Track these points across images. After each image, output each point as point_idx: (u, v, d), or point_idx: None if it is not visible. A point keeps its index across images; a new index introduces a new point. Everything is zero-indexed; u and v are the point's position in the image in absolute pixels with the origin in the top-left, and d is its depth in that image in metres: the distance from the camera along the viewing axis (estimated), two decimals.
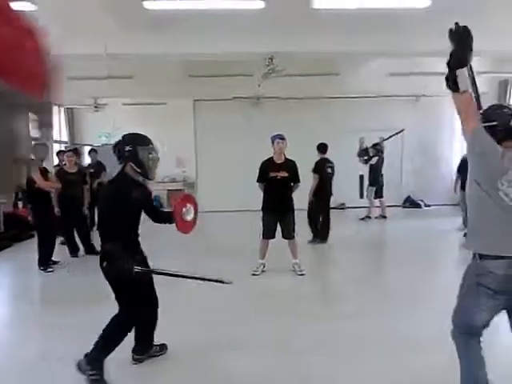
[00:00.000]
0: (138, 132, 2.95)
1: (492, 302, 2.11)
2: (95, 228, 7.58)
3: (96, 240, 6.16)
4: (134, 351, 2.96)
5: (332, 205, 8.57)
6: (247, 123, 9.78)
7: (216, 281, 2.77)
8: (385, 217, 8.89)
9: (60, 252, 6.00)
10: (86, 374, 2.61)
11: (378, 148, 8.71)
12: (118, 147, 2.82)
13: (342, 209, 10.08)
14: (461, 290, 2.26)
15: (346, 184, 8.97)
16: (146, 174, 2.82)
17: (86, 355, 2.65)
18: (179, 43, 5.24)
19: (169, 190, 11.41)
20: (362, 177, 9.21)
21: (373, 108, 10.03)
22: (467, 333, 2.24)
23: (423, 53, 6.07)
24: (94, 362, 2.63)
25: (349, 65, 8.21)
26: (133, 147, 2.76)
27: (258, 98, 9.76)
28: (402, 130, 8.52)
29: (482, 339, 2.24)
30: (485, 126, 2.15)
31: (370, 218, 8.85)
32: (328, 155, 6.88)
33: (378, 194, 8.84)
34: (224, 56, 5.93)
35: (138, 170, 2.78)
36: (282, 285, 4.76)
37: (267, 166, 5.00)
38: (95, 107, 9.44)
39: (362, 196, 9.21)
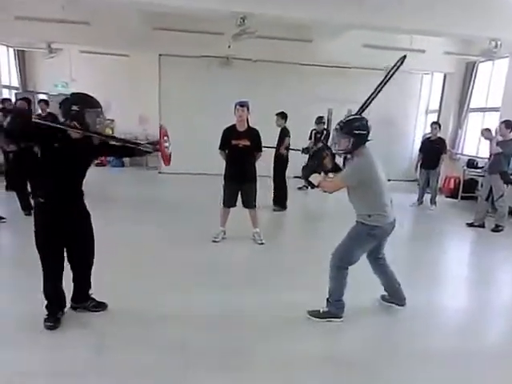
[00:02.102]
0: (86, 93, 2.89)
1: None
2: None
3: None
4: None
5: (295, 174, 8.61)
6: (215, 83, 9.40)
7: (148, 151, 3.03)
8: None
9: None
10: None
11: (323, 121, 8.54)
12: (65, 105, 2.76)
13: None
14: None
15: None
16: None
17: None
18: None
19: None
20: None
21: (343, 79, 9.91)
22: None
23: (398, 29, 5.96)
24: (47, 309, 2.90)
25: (323, 33, 7.95)
26: (80, 108, 2.71)
27: (228, 58, 9.35)
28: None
29: None
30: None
31: (307, 187, 8.81)
32: (294, 123, 6.87)
33: None
34: (190, 10, 5.51)
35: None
36: (239, 253, 4.75)
37: (229, 134, 4.83)
38: (49, 52, 8.67)
39: None
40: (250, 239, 5.07)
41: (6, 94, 9.75)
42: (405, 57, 3.25)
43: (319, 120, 8.46)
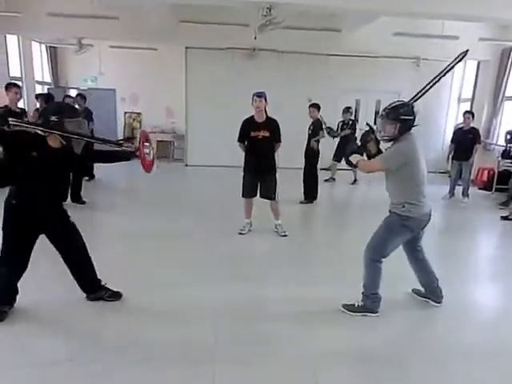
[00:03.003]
0: (65, 102, 3.00)
1: None
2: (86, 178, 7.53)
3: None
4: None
5: (324, 166, 8.54)
6: (240, 75, 9.38)
7: (129, 151, 2.97)
8: (356, 180, 8.70)
9: None
10: None
11: (351, 111, 8.46)
12: (44, 115, 2.75)
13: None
14: None
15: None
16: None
17: None
18: None
19: (158, 141, 11.14)
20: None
21: (372, 69, 9.70)
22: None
23: (431, 14, 5.72)
24: None
25: (351, 22, 7.76)
26: (59, 118, 2.69)
27: (254, 49, 9.30)
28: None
29: None
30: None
31: (334, 179, 8.74)
32: (321, 115, 6.78)
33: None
34: (218, 1, 5.48)
35: (63, 143, 2.77)
36: (261, 246, 4.76)
37: (248, 125, 4.79)
38: (80, 48, 8.87)
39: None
40: (273, 232, 5.05)
41: (39, 89, 10.08)
42: (467, 51, 3.17)
43: (346, 110, 8.34)
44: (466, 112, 7.52)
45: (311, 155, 6.81)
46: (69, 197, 5.86)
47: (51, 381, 2.36)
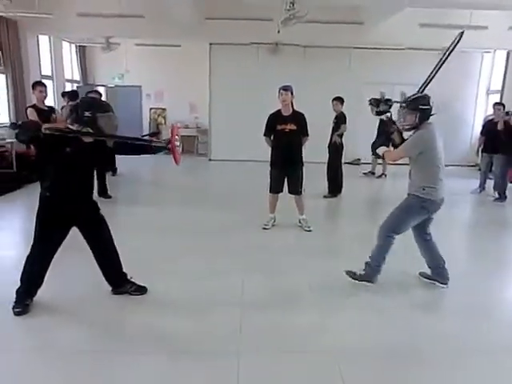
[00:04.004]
0: (96, 97, 3.02)
1: None
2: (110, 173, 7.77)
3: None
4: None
5: (347, 160, 8.53)
6: (264, 70, 9.42)
7: (160, 146, 2.99)
8: (385, 175, 8.69)
9: None
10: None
11: (389, 104, 8.39)
12: (77, 111, 2.82)
13: (358, 164, 9.94)
14: None
15: (364, 139, 8.78)
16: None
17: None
18: None
19: (182, 135, 11.29)
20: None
21: (396, 61, 9.55)
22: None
23: (457, 4, 5.60)
24: (17, 298, 2.92)
25: (375, 14, 7.66)
26: (92, 113, 2.78)
27: (277, 44, 9.31)
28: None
29: None
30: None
31: (373, 173, 8.77)
32: (345, 107, 6.76)
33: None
34: None
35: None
36: (285, 240, 4.76)
37: (274, 119, 4.80)
38: (107, 46, 9.12)
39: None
40: (297, 226, 5.07)
41: (68, 87, 10.41)
42: (463, 33, 3.43)
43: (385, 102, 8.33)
44: (496, 103, 7.31)
45: (334, 149, 6.80)
46: (95, 192, 6.16)
47: (75, 370, 2.41)
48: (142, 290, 3.26)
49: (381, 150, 3.46)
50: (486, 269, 4.07)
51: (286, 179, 4.95)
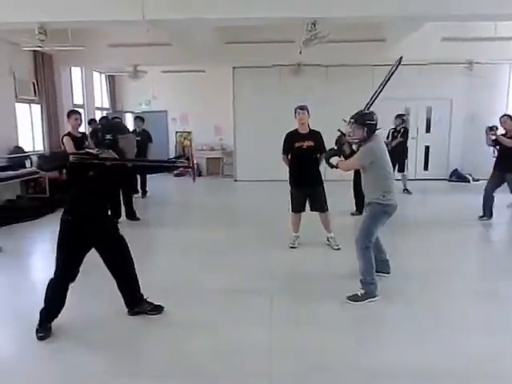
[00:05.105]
0: (116, 119, 3.07)
1: None
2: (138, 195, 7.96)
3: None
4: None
5: None
6: (286, 91, 9.53)
7: (180, 162, 3.06)
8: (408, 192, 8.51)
9: None
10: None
11: (403, 118, 8.40)
12: (98, 135, 2.90)
13: None
14: None
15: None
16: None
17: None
18: (214, 7, 5.04)
19: (207, 158, 11.53)
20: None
21: (420, 76, 9.49)
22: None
23: (480, 16, 5.53)
24: (40, 321, 2.96)
25: (396, 30, 7.67)
26: (113, 136, 2.85)
27: (299, 64, 9.44)
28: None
29: None
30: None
31: (407, 190, 8.54)
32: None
33: (400, 168, 8.42)
34: (262, 20, 5.63)
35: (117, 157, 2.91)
36: (316, 260, 4.72)
37: (292, 137, 4.87)
38: (135, 75, 9.48)
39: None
40: (325, 244, 5.00)
41: (98, 114, 10.84)
42: (401, 58, 3.94)
43: (398, 116, 8.34)
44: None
45: None
46: (123, 215, 6.33)
47: None
48: (158, 309, 3.27)
49: (334, 160, 3.74)
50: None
51: (307, 198, 4.93)
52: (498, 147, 6.27)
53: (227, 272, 4.23)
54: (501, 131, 6.16)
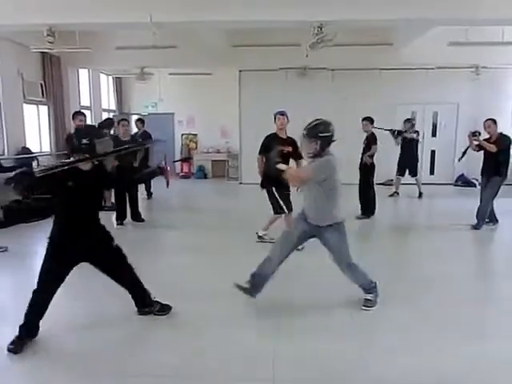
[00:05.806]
0: (91, 125, 3.09)
1: None
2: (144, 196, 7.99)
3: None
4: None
5: (380, 181, 8.41)
6: (292, 94, 9.54)
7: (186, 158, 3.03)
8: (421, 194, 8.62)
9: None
10: None
11: (412, 122, 8.51)
12: (74, 141, 2.80)
13: (390, 185, 9.75)
14: None
15: (395, 160, 8.68)
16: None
17: None
18: (220, 9, 5.06)
19: (213, 160, 11.56)
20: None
21: (427, 80, 9.48)
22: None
23: (488, 20, 5.51)
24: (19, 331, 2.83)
25: (403, 34, 7.67)
26: (90, 140, 2.77)
27: (305, 68, 9.45)
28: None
29: None
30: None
31: (398, 194, 8.67)
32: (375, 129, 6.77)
33: (413, 173, 8.58)
34: (269, 23, 5.65)
35: (95, 163, 2.87)
36: (316, 262, 4.66)
37: (273, 140, 4.87)
38: (142, 76, 9.54)
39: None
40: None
41: (105, 116, 10.90)
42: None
43: (407, 121, 8.42)
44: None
45: (366, 170, 6.74)
46: (128, 216, 6.36)
47: None
48: (165, 309, 3.26)
49: (283, 166, 3.37)
50: None
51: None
52: (482, 152, 6.15)
53: (234, 274, 4.20)
54: (484, 136, 6.12)
